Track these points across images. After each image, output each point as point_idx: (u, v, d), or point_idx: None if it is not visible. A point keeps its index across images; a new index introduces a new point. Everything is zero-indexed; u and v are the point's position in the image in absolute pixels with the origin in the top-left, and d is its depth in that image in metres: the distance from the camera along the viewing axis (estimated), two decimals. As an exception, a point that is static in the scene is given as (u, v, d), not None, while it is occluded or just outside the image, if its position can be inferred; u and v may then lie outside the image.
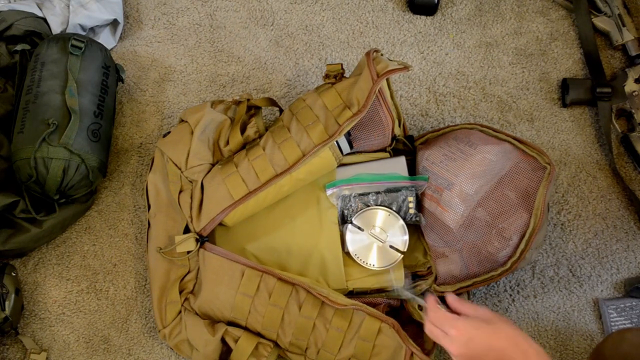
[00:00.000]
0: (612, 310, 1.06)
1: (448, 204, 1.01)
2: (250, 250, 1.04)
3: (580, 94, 1.18)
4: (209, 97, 1.22)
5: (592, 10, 1.22)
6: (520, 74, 1.22)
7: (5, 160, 1.08)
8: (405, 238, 1.04)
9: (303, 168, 1.00)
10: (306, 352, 0.97)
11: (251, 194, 0.99)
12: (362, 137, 1.06)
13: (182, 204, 1.03)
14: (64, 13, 1.18)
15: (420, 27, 1.26)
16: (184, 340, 1.00)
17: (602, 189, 1.15)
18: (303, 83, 1.23)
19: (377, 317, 0.95)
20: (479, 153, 1.01)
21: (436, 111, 1.20)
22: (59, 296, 1.11)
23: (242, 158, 1.01)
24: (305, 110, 1.01)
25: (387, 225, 1.04)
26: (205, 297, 0.99)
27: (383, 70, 0.95)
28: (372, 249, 1.03)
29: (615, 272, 1.10)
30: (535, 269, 1.11)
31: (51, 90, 1.04)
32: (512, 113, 1.20)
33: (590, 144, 1.18)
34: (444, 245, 1.03)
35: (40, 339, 1.08)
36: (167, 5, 1.28)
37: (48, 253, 1.13)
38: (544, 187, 0.97)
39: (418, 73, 1.23)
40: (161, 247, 1.03)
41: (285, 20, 1.27)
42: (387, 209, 1.04)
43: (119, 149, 1.19)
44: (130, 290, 1.11)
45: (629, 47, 1.20)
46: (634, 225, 1.13)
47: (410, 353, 0.92)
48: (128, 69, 1.23)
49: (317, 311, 0.95)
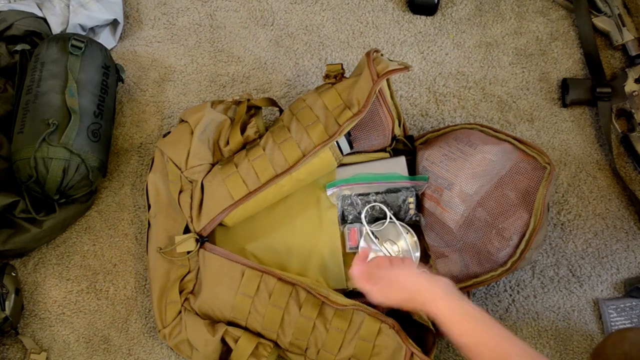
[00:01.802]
0: (612, 310, 1.06)
1: (448, 204, 1.01)
2: (250, 250, 1.04)
3: (580, 94, 1.18)
4: (209, 97, 1.22)
5: (592, 10, 1.22)
6: (520, 74, 1.22)
7: (5, 160, 1.08)
8: (417, 255, 1.04)
9: (303, 168, 1.00)
10: (306, 352, 0.97)
11: (251, 194, 0.99)
12: (362, 137, 1.06)
13: (182, 204, 1.02)
14: (64, 13, 1.18)
15: (420, 27, 1.26)
16: (184, 341, 1.00)
17: (602, 189, 1.15)
18: (303, 83, 1.23)
19: (377, 317, 0.95)
20: (479, 153, 1.01)
21: (436, 111, 1.20)
22: (59, 296, 1.11)
23: (242, 158, 1.01)
24: (306, 111, 1.01)
25: (403, 241, 1.04)
26: (205, 297, 0.99)
27: (383, 70, 0.95)
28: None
29: (615, 272, 1.10)
30: (535, 269, 1.11)
31: (51, 90, 1.04)
32: (512, 113, 1.20)
33: (590, 144, 1.18)
34: (444, 245, 1.03)
35: (40, 339, 1.08)
36: (167, 5, 1.28)
37: (48, 253, 1.13)
38: (544, 187, 0.97)
39: (418, 73, 1.23)
40: (161, 247, 1.03)
41: (285, 20, 1.27)
42: (405, 226, 1.05)
43: (119, 149, 1.19)
44: (130, 290, 1.11)
45: (629, 47, 1.20)
46: (634, 225, 1.13)
47: (410, 353, 0.92)
48: (128, 69, 1.23)
49: (317, 311, 0.95)
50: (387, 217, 1.04)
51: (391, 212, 1.05)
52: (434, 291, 0.80)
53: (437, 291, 0.80)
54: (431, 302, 0.79)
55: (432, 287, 0.81)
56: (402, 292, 0.83)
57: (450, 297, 0.78)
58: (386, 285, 0.85)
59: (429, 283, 0.82)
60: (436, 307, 0.78)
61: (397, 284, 0.84)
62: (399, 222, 1.05)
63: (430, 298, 0.79)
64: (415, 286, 0.82)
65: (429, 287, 0.81)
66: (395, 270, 0.86)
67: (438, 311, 0.77)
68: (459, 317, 0.76)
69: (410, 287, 0.83)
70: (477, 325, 0.75)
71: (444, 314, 0.77)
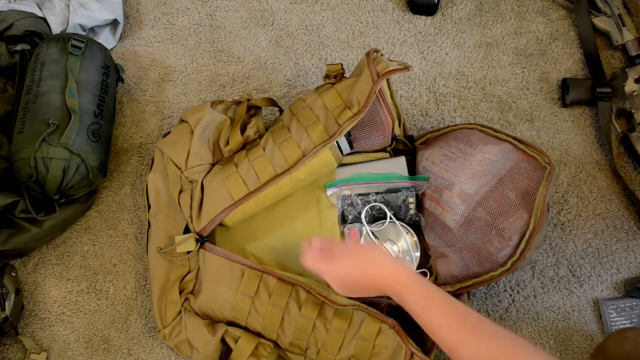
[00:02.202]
0: (612, 310, 1.06)
1: (448, 204, 1.01)
2: (250, 250, 1.04)
3: (580, 94, 1.18)
4: (209, 97, 1.22)
5: (592, 10, 1.22)
6: (520, 74, 1.22)
7: (5, 160, 1.08)
8: (417, 255, 1.04)
9: (303, 168, 1.00)
10: (306, 352, 0.97)
11: (251, 194, 0.99)
12: (362, 137, 1.06)
13: (182, 204, 1.03)
14: (64, 13, 1.18)
15: (420, 27, 1.26)
16: (184, 341, 1.00)
17: (602, 189, 1.15)
18: (303, 83, 1.23)
19: (377, 317, 0.95)
20: (479, 153, 1.01)
21: (436, 111, 1.20)
22: (59, 296, 1.11)
23: (242, 158, 1.01)
24: (306, 111, 1.01)
25: (403, 241, 1.04)
26: (205, 297, 0.99)
27: (383, 70, 0.95)
28: None
29: (615, 272, 1.10)
30: (535, 269, 1.11)
31: (51, 90, 1.04)
32: (512, 113, 1.20)
33: (590, 144, 1.18)
34: (444, 245, 1.03)
35: (40, 339, 1.08)
36: (167, 5, 1.28)
37: (48, 253, 1.13)
38: (544, 187, 0.97)
39: (418, 73, 1.23)
40: (161, 247, 1.03)
41: (285, 20, 1.27)
42: (405, 226, 1.05)
43: (119, 149, 1.19)
44: (130, 290, 1.11)
45: (629, 47, 1.20)
46: (634, 225, 1.13)
47: (411, 353, 0.92)
48: (128, 69, 1.23)
49: (317, 311, 0.95)
50: (387, 217, 1.04)
51: (391, 212, 1.05)
52: (402, 272, 0.79)
53: (406, 273, 0.78)
54: (401, 284, 0.78)
55: (400, 268, 0.79)
56: (363, 269, 0.81)
57: (421, 281, 0.77)
58: (342, 264, 0.83)
59: (395, 263, 0.80)
60: (409, 291, 0.77)
61: (357, 260, 0.82)
62: (399, 222, 1.05)
63: (399, 281, 0.78)
64: (382, 264, 0.81)
65: (396, 267, 0.80)
66: (354, 248, 0.84)
67: (411, 295, 0.77)
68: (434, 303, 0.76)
69: (376, 265, 0.81)
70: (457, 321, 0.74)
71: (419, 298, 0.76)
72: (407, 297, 0.78)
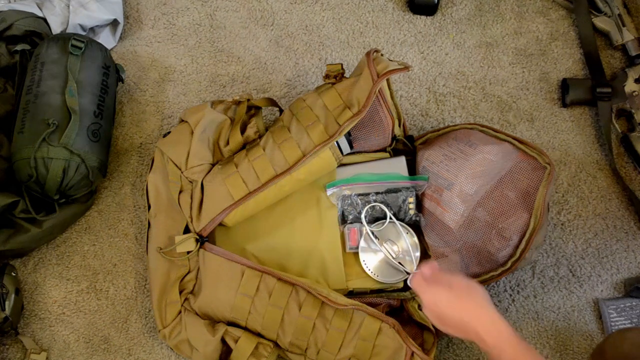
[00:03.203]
0: (612, 310, 1.06)
1: (448, 204, 1.01)
2: (250, 250, 1.04)
3: (580, 94, 1.18)
4: (209, 97, 1.22)
5: (592, 10, 1.22)
6: (520, 74, 1.22)
7: (5, 160, 1.08)
8: (417, 255, 1.04)
9: (303, 168, 1.00)
10: (306, 352, 0.97)
11: (251, 194, 0.99)
12: (362, 137, 1.06)
13: (182, 204, 1.02)
14: (64, 13, 1.18)
15: (420, 27, 1.26)
16: (184, 341, 1.00)
17: (602, 189, 1.15)
18: (303, 83, 1.23)
19: (377, 317, 0.95)
20: (479, 153, 1.01)
21: (436, 111, 1.20)
22: (59, 296, 1.10)
23: (242, 158, 1.01)
24: (306, 111, 1.01)
25: (403, 241, 1.04)
26: (205, 297, 0.99)
27: (383, 70, 0.95)
28: (380, 260, 1.03)
29: (615, 272, 1.10)
30: (535, 269, 1.11)
31: (51, 90, 1.04)
32: (512, 113, 1.20)
33: (590, 144, 1.18)
34: (444, 245, 1.03)
35: (40, 339, 1.08)
36: (167, 5, 1.28)
37: (48, 253, 1.12)
38: (544, 187, 0.97)
39: (418, 73, 1.23)
40: (161, 247, 1.03)
41: (285, 20, 1.27)
42: (405, 226, 1.05)
43: (119, 149, 1.19)
44: (130, 290, 1.11)
45: (629, 47, 1.20)
46: (634, 225, 1.13)
47: (411, 353, 0.92)
48: (128, 69, 1.23)
49: (317, 311, 0.95)
50: (387, 217, 1.04)
51: (391, 212, 1.05)
52: (499, 329, 0.76)
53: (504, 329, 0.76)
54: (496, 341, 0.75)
55: (498, 323, 0.77)
56: (462, 313, 0.79)
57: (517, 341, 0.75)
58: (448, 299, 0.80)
59: (490, 316, 0.78)
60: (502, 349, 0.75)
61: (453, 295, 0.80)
62: (399, 222, 1.05)
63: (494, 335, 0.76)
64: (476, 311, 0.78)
65: (495, 322, 0.77)
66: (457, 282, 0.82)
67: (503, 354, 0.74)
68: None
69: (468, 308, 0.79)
70: None
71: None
72: (494, 353, 0.76)
